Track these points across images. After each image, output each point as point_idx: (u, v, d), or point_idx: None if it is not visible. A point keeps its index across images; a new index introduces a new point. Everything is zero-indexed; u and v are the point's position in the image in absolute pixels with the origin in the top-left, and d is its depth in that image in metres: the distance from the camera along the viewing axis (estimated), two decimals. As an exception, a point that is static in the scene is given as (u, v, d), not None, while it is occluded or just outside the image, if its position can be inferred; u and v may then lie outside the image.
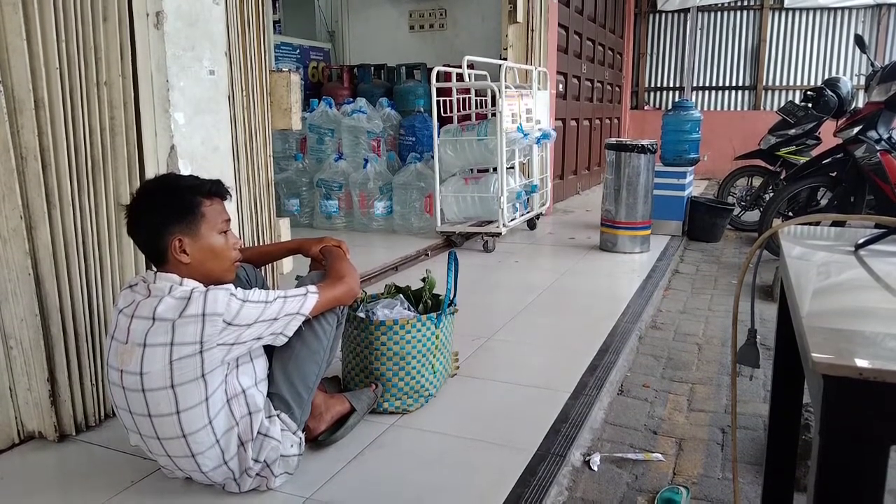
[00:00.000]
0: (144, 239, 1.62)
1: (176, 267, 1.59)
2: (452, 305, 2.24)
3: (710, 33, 9.50)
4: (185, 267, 1.59)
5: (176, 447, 1.56)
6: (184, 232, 1.58)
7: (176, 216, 1.58)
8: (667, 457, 2.01)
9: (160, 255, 1.60)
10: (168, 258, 1.59)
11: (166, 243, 1.57)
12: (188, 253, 1.58)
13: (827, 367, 0.65)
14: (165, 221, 1.57)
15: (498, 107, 4.29)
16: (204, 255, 1.61)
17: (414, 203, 4.91)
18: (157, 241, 1.58)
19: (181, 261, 1.58)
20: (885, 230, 1.10)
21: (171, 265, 1.59)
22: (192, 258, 1.59)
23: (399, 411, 2.11)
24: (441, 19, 6.73)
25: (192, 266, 1.59)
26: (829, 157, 4.22)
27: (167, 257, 1.59)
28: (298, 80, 2.66)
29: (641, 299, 3.40)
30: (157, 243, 1.58)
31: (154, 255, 1.62)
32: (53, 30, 1.75)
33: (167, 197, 1.59)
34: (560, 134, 6.37)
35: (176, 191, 1.60)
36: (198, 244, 1.60)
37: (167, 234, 1.57)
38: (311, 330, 1.73)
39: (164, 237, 1.57)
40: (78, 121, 1.84)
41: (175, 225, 1.57)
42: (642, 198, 4.41)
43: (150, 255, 1.63)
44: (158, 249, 1.59)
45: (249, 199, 2.48)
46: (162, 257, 1.60)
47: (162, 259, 1.60)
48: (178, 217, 1.58)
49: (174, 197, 1.59)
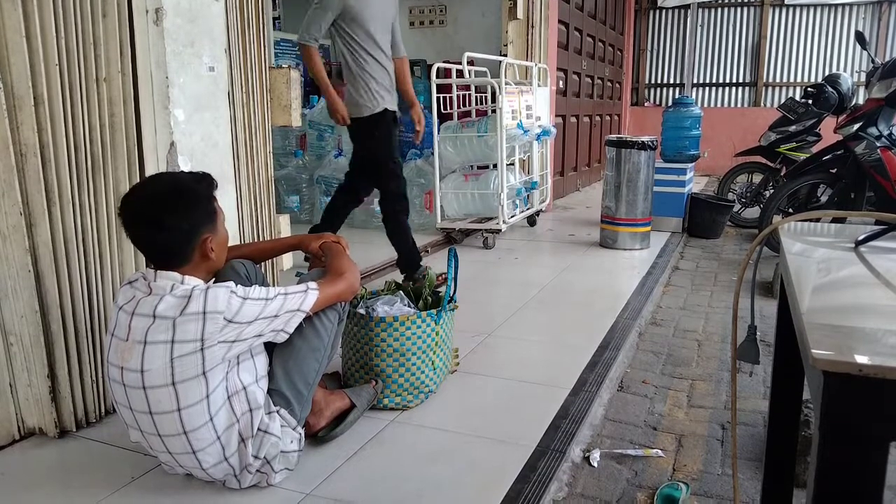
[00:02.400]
0: (170, 244, 1.56)
1: (196, 266, 1.59)
2: (452, 302, 2.24)
3: (711, 30, 9.49)
4: (205, 264, 1.61)
5: (176, 444, 1.57)
6: (210, 230, 1.60)
7: (203, 218, 1.59)
8: (667, 453, 2.01)
9: (184, 257, 1.58)
10: (192, 258, 1.59)
11: (194, 245, 1.58)
12: (214, 250, 1.61)
13: (827, 363, 0.65)
14: (195, 224, 1.57)
15: (498, 103, 4.29)
16: (221, 249, 1.66)
17: (414, 200, 4.89)
18: (184, 245, 1.57)
19: (209, 258, 1.60)
20: (885, 227, 1.10)
21: (192, 265, 1.59)
22: (216, 254, 1.62)
23: (399, 407, 2.11)
24: (441, 15, 6.71)
25: (213, 262, 1.63)
26: (830, 154, 4.22)
27: (191, 258, 1.58)
28: (298, 77, 2.66)
29: (641, 296, 3.40)
30: (185, 247, 1.57)
31: (175, 258, 1.58)
32: (53, 26, 1.74)
33: (193, 201, 1.58)
34: (560, 130, 6.36)
35: (198, 193, 1.60)
36: (217, 240, 1.63)
37: (197, 235, 1.58)
38: (311, 327, 1.74)
39: (193, 240, 1.57)
40: (78, 117, 1.84)
41: (204, 226, 1.59)
42: (642, 194, 4.41)
43: (169, 258, 1.58)
44: (183, 252, 1.58)
45: (249, 195, 2.47)
46: (185, 259, 1.58)
47: (185, 260, 1.58)
48: (205, 219, 1.60)
49: (199, 200, 1.60)
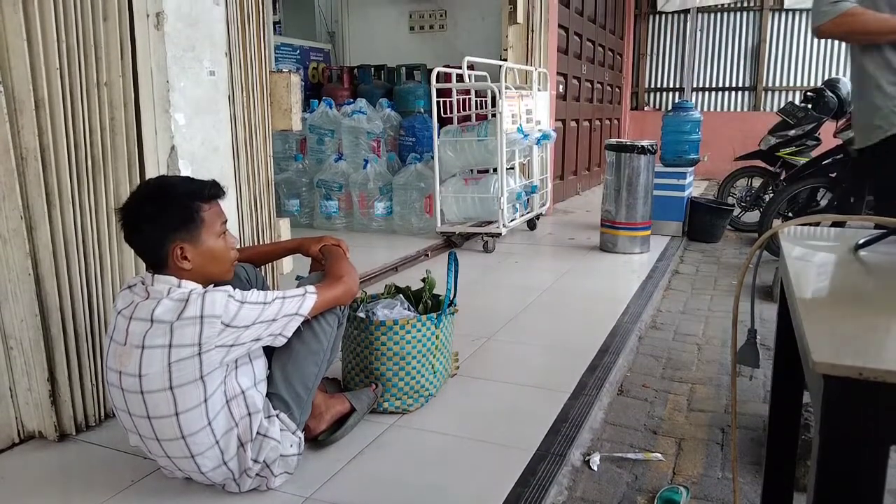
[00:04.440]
0: (144, 247, 1.60)
1: (176, 272, 1.57)
2: (452, 306, 2.24)
3: (710, 34, 9.50)
4: (185, 272, 1.58)
5: (175, 448, 1.56)
6: (184, 239, 1.56)
7: (176, 224, 1.55)
8: (666, 456, 2.01)
9: (160, 262, 1.58)
10: (169, 264, 1.57)
11: (167, 251, 1.55)
12: (189, 259, 1.57)
13: (827, 367, 0.65)
14: (165, 230, 1.55)
15: (498, 107, 4.29)
16: (204, 260, 1.59)
17: (414, 203, 4.91)
18: (157, 250, 1.56)
19: (182, 267, 1.57)
20: (884, 231, 1.10)
21: (171, 270, 1.58)
22: (193, 264, 1.57)
23: (399, 411, 2.11)
24: (441, 20, 6.73)
25: (193, 271, 1.58)
26: (829, 158, 4.23)
27: (168, 263, 1.57)
28: (298, 81, 2.66)
29: (641, 300, 3.40)
30: (157, 251, 1.56)
31: (154, 262, 1.59)
32: (54, 30, 1.75)
33: (165, 205, 1.55)
34: (560, 135, 6.37)
35: (174, 198, 1.56)
36: (198, 250, 1.58)
37: (168, 242, 1.55)
38: (311, 331, 1.73)
39: (164, 246, 1.55)
40: (78, 121, 1.84)
41: (175, 233, 1.55)
42: (642, 198, 4.41)
43: (150, 262, 1.61)
44: (159, 257, 1.57)
45: (249, 199, 2.48)
46: (162, 264, 1.57)
47: (162, 265, 1.58)
48: (178, 225, 1.55)
49: (173, 204, 1.56)
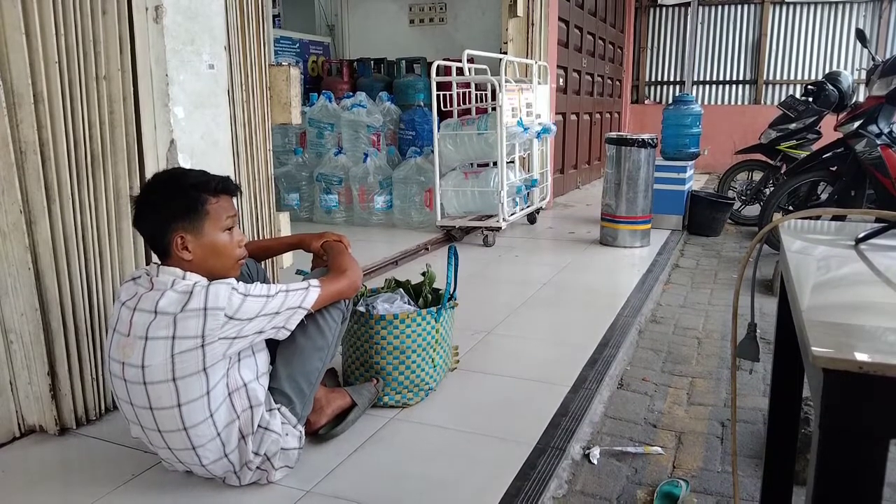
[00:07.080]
0: (148, 234, 1.63)
1: (178, 262, 1.59)
2: (452, 300, 2.24)
3: (711, 27, 9.48)
4: (187, 263, 1.58)
5: (177, 440, 1.57)
6: (186, 229, 1.57)
7: (179, 213, 1.57)
8: (666, 450, 2.01)
9: (164, 250, 1.60)
10: (171, 253, 1.59)
11: (168, 240, 1.57)
12: (190, 250, 1.57)
13: (827, 360, 0.65)
14: (168, 218, 1.56)
15: (498, 101, 4.28)
16: (206, 253, 1.60)
17: (414, 197, 4.91)
18: (159, 237, 1.58)
19: (183, 258, 1.58)
20: (885, 224, 1.10)
21: (173, 260, 1.59)
22: (193, 255, 1.58)
23: (399, 405, 2.12)
24: (441, 13, 6.71)
25: (195, 263, 1.59)
26: (830, 152, 4.22)
27: (170, 252, 1.59)
28: (298, 75, 2.65)
29: (641, 293, 3.40)
30: (160, 239, 1.58)
31: (158, 250, 1.62)
32: (52, 24, 1.74)
33: (171, 193, 1.58)
34: (560, 128, 6.36)
35: (180, 187, 1.58)
36: (200, 242, 1.58)
37: (169, 230, 1.56)
38: (315, 326, 1.74)
39: (166, 234, 1.56)
40: (77, 115, 1.84)
41: (177, 222, 1.56)
42: (642, 192, 4.41)
43: (154, 249, 1.63)
44: (161, 245, 1.59)
45: (249, 193, 2.47)
46: (165, 252, 1.60)
47: (165, 254, 1.60)
48: (181, 214, 1.57)
49: (178, 193, 1.57)
